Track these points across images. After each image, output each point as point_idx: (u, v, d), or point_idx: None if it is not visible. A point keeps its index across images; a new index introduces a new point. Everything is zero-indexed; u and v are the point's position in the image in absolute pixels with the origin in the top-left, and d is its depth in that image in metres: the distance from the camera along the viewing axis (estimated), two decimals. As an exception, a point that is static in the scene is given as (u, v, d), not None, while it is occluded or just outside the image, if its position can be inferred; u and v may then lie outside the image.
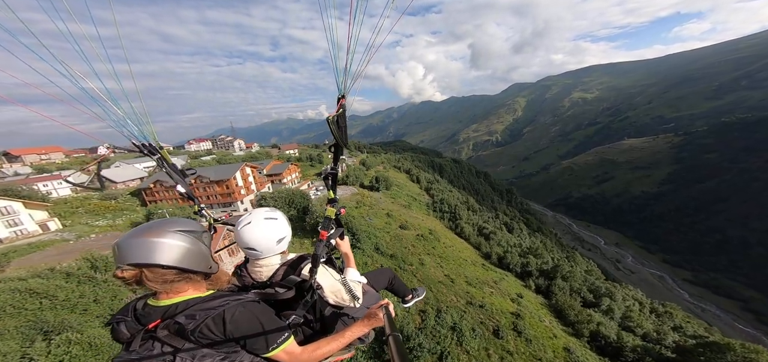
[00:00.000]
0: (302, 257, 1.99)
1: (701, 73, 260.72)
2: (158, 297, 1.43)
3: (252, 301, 1.54)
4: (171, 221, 1.45)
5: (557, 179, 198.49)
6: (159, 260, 1.34)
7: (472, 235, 42.02)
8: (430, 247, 26.68)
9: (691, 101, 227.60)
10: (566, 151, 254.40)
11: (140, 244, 1.31)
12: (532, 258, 34.11)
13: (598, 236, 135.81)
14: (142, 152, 1.88)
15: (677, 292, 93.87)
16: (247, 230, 1.82)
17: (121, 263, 1.29)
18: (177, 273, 1.42)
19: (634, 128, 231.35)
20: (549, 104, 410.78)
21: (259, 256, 1.88)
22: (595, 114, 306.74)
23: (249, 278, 1.93)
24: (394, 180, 68.86)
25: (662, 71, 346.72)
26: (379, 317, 1.67)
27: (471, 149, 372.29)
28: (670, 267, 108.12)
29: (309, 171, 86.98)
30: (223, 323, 1.37)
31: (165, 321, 1.34)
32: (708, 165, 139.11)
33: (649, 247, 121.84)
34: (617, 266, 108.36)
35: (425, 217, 45.46)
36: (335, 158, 1.76)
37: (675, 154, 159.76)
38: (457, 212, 50.80)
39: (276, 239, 1.88)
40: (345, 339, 1.69)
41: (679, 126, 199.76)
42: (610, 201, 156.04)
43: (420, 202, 56.97)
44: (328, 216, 1.85)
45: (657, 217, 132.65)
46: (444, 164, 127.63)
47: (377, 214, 34.19)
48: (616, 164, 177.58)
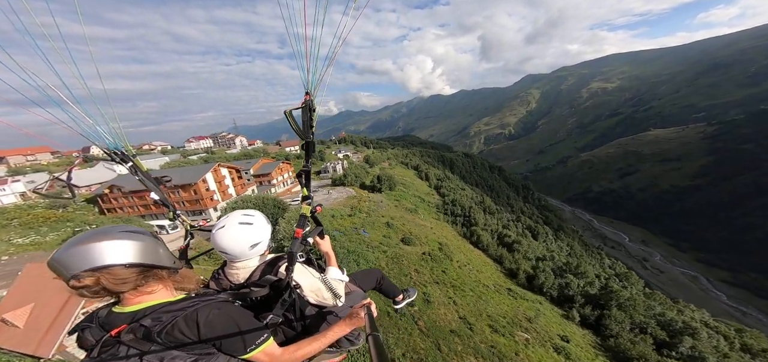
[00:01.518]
0: (279, 256, 1.97)
1: (733, 60, 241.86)
2: (124, 303, 1.36)
3: (226, 301, 1.51)
4: (114, 226, 1.39)
5: (576, 172, 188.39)
6: (115, 260, 1.26)
7: (491, 245, 35.75)
8: (440, 271, 20.42)
9: (725, 89, 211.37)
10: (585, 143, 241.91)
11: (90, 250, 1.22)
12: (572, 278, 27.10)
13: (622, 233, 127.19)
14: (114, 160, 1.84)
15: (713, 294, 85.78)
16: (220, 234, 1.81)
17: (74, 271, 1.19)
18: (139, 272, 1.35)
19: (660, 118, 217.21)
20: (565, 95, 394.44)
21: (234, 260, 1.87)
22: (617, 104, 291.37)
23: (226, 280, 1.91)
24: (399, 178, 62.97)
25: (690, 58, 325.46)
26: (360, 316, 1.65)
27: (482, 143, 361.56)
28: (704, 267, 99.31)
29: None
30: (196, 325, 1.33)
31: (130, 325, 1.29)
32: (746, 156, 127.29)
33: (679, 245, 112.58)
34: (644, 265, 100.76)
35: (434, 223, 39.50)
36: (307, 156, 1.82)
37: (708, 145, 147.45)
38: (472, 215, 44.45)
39: (249, 244, 1.84)
40: (327, 339, 1.66)
41: (711, 115, 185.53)
42: (634, 196, 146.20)
43: (428, 204, 50.98)
44: (303, 214, 1.89)
45: (688, 212, 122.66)
46: (455, 159, 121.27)
47: (375, 223, 28.26)
48: (642, 157, 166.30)
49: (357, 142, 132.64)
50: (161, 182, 2.17)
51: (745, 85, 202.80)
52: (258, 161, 66.18)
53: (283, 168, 66.42)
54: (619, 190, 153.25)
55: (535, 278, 27.72)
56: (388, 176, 54.65)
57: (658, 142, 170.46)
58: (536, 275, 27.93)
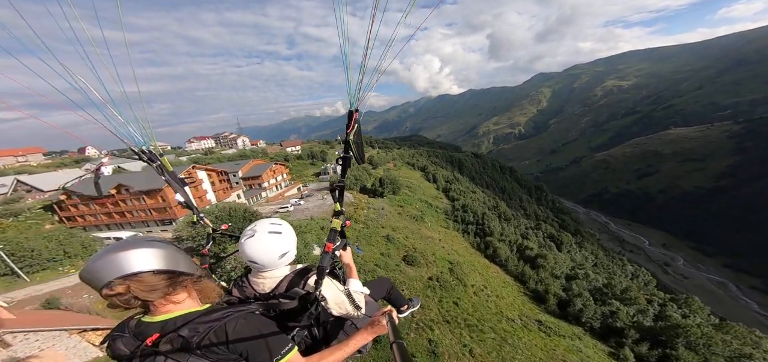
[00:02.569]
0: (307, 268, 2.00)
1: (760, 56, 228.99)
2: (153, 313, 1.39)
3: (253, 312, 1.53)
4: (139, 237, 1.44)
5: (590, 173, 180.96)
6: (143, 267, 1.30)
7: (511, 260, 30.93)
8: (451, 302, 15.80)
9: (751, 86, 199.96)
10: (600, 143, 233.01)
11: (118, 258, 1.27)
12: (619, 306, 21.61)
13: (642, 236, 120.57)
14: (141, 159, 1.89)
15: (743, 302, 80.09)
16: (249, 243, 1.82)
17: (106, 280, 1.24)
18: (167, 279, 1.39)
19: (680, 116, 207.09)
20: (578, 94, 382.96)
21: (261, 269, 1.89)
22: (633, 103, 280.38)
23: (251, 289, 1.92)
24: (404, 181, 58.65)
25: (711, 55, 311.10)
26: (383, 325, 1.65)
27: (491, 143, 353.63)
28: (731, 272, 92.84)
29: (306, 171, 77.94)
30: (225, 334, 1.36)
31: (167, 335, 1.31)
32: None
33: (703, 249, 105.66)
34: (666, 270, 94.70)
35: (443, 233, 34.79)
36: (343, 171, 1.85)
37: (735, 144, 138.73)
38: (486, 222, 39.63)
39: (279, 253, 1.87)
40: (349, 348, 1.66)
41: (737, 113, 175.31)
42: (654, 197, 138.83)
43: (436, 209, 46.22)
44: (334, 228, 1.90)
45: (714, 215, 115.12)
46: (464, 159, 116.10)
47: (372, 236, 23.66)
48: (662, 156, 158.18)
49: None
50: (185, 184, 2.20)
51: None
52: (248, 163, 61.39)
53: (276, 170, 61.69)
54: (638, 191, 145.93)
55: (570, 303, 22.70)
56: (392, 179, 50.61)
57: (680, 141, 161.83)
58: (571, 300, 22.87)
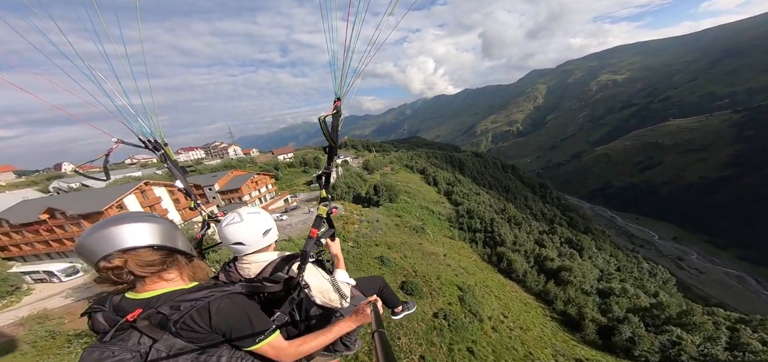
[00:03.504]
0: (292, 255, 2.01)
1: (751, 45, 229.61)
2: (138, 289, 1.37)
3: (238, 293, 1.53)
4: (137, 212, 1.48)
5: (591, 167, 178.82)
6: (142, 242, 1.30)
7: (529, 275, 26.61)
8: (465, 348, 11.93)
9: (746, 75, 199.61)
10: (598, 137, 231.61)
11: (117, 231, 1.26)
12: (681, 334, 17.12)
13: (650, 230, 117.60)
14: (146, 147, 2.01)
15: (765, 296, 76.55)
16: (232, 225, 1.87)
17: (104, 252, 1.23)
18: (163, 255, 1.39)
19: (678, 107, 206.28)
20: (573, 89, 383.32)
21: (246, 250, 1.92)
22: (629, 96, 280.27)
23: (237, 274, 1.96)
24: (403, 186, 54.39)
25: (702, 46, 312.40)
26: (367, 313, 1.67)
27: (490, 142, 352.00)
28: (749, 265, 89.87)
29: (298, 180, 73.55)
30: (208, 314, 1.34)
31: (146, 311, 1.29)
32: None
33: (717, 241, 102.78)
34: (680, 265, 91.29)
35: (448, 245, 30.28)
36: (329, 159, 1.89)
37: (736, 132, 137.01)
38: (495, 229, 35.16)
39: (262, 231, 1.93)
40: (332, 334, 1.69)
41: (736, 102, 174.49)
42: (658, 190, 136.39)
43: (439, 216, 41.79)
44: (320, 215, 1.95)
45: (721, 206, 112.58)
46: (464, 159, 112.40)
47: (363, 259, 19.49)
48: (663, 148, 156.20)
49: (359, 146, 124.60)
50: (186, 172, 2.29)
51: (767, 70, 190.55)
52: (226, 174, 55.95)
53: (259, 181, 56.63)
54: (642, 184, 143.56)
55: (615, 331, 18.32)
56: (388, 185, 45.89)
57: (680, 132, 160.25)
58: (616, 327, 18.45)
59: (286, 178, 75.01)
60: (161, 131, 1.97)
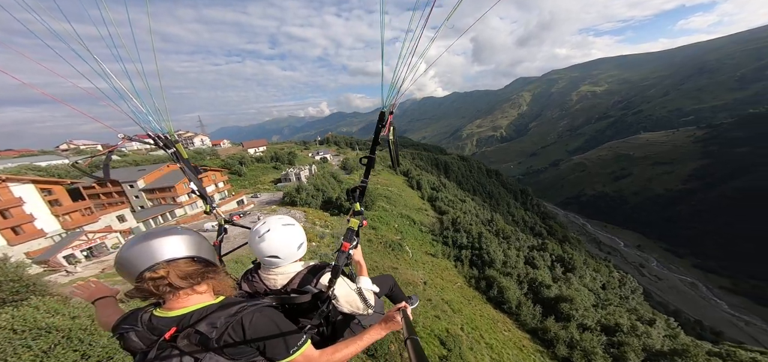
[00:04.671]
0: (319, 266, 2.01)
1: (719, 64, 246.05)
2: (168, 306, 1.37)
3: (268, 306, 1.53)
4: (170, 226, 1.46)
5: (568, 175, 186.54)
6: (185, 253, 1.35)
7: (524, 306, 22.80)
8: None
9: (713, 92, 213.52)
10: (576, 146, 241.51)
11: (164, 243, 1.31)
12: None
13: (617, 238, 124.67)
14: (157, 145, 1.90)
15: (713, 302, 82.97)
16: (268, 237, 1.85)
17: (151, 262, 1.27)
18: (201, 267, 1.42)
19: (650, 121, 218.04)
20: (556, 98, 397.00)
21: (279, 264, 1.91)
22: (606, 108, 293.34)
23: (261, 285, 1.94)
24: (383, 190, 50.59)
25: (676, 63, 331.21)
26: (397, 320, 1.64)
27: (475, 145, 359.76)
28: (702, 273, 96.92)
29: (264, 177, 65.47)
30: (241, 328, 1.35)
31: (184, 330, 1.29)
32: (739, 160, 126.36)
33: (676, 250, 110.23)
34: (641, 272, 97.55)
35: (430, 263, 26.47)
36: (367, 172, 1.86)
37: (700, 148, 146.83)
38: (484, 246, 32.02)
39: (297, 244, 1.93)
40: (363, 342, 1.65)
41: (700, 118, 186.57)
42: (628, 199, 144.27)
43: (420, 227, 38.29)
44: (352, 228, 1.93)
45: (683, 217, 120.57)
46: (450, 163, 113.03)
47: None
48: (634, 160, 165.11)
49: (341, 143, 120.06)
50: (199, 173, 2.18)
51: (732, 89, 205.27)
52: (157, 169, 46.04)
53: (206, 178, 47.30)
54: (613, 194, 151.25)
55: None
56: (365, 189, 42.77)
57: (650, 145, 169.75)
58: None
59: (251, 175, 67.15)
60: (171, 126, 1.89)
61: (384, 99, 1.52)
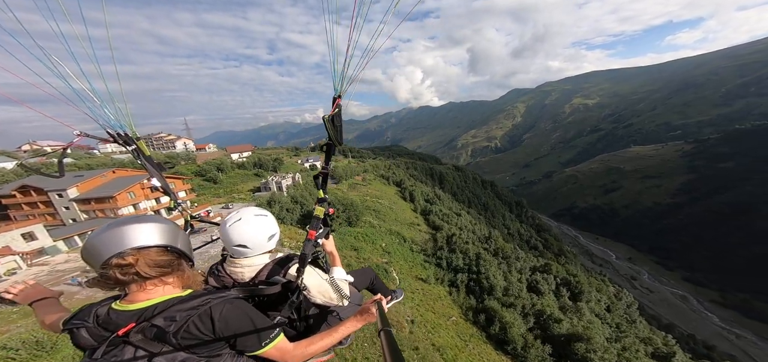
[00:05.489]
0: (288, 257, 1.98)
1: (705, 80, 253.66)
2: (131, 299, 1.30)
3: (237, 298, 1.48)
4: (144, 214, 1.41)
5: (560, 187, 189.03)
6: (158, 241, 1.30)
7: (532, 347, 19.97)
8: None
9: (699, 107, 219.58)
10: (569, 158, 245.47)
11: (136, 229, 1.26)
12: None
13: (609, 250, 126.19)
14: (116, 142, 1.83)
15: (704, 315, 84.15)
16: (237, 226, 1.83)
17: (119, 249, 1.21)
18: (172, 258, 1.38)
19: (640, 135, 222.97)
20: (549, 110, 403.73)
21: (247, 254, 1.87)
22: (597, 120, 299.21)
23: (228, 278, 1.89)
24: (372, 202, 46.97)
25: (664, 77, 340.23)
26: (372, 313, 1.64)
27: (469, 155, 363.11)
28: (692, 286, 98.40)
29: (242, 185, 60.69)
30: (211, 320, 1.29)
31: (140, 324, 1.22)
32: (725, 175, 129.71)
33: (666, 263, 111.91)
34: (633, 284, 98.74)
35: (420, 291, 24.47)
36: (327, 158, 1.84)
37: (687, 162, 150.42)
38: (482, 270, 28.86)
39: (267, 235, 1.92)
40: (338, 334, 1.64)
41: (687, 133, 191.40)
42: (619, 212, 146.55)
43: (411, 245, 34.51)
44: (317, 216, 1.89)
45: (673, 230, 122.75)
46: (445, 173, 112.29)
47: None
48: (624, 173, 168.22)
49: (335, 151, 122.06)
50: (163, 169, 2.15)
51: (717, 105, 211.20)
52: (96, 175, 39.52)
53: (138, 193, 39.47)
54: (604, 206, 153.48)
55: None
56: (348, 203, 37.04)
57: (639, 158, 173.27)
58: None
59: (229, 182, 61.60)
60: (132, 122, 1.82)
61: (336, 84, 1.57)
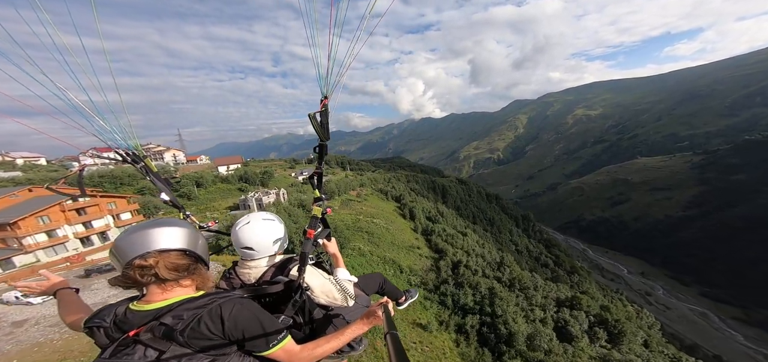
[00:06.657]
0: (290, 258, 2.05)
1: (709, 90, 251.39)
2: (148, 299, 1.35)
3: (245, 298, 1.52)
4: (168, 218, 1.50)
5: (566, 199, 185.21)
6: (179, 245, 1.36)
7: None
8: None
9: (705, 118, 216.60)
10: (573, 170, 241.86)
11: (159, 233, 1.32)
12: None
13: (619, 264, 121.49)
14: (125, 160, 1.96)
15: (728, 333, 79.33)
16: (245, 229, 1.93)
17: (143, 250, 1.27)
18: (190, 261, 1.43)
19: (645, 146, 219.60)
20: (551, 121, 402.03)
21: (253, 256, 1.97)
22: (601, 131, 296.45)
23: (237, 279, 2.00)
24: (365, 223, 42.10)
25: (666, 88, 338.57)
26: (378, 315, 1.66)
27: (472, 167, 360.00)
28: (711, 302, 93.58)
29: (219, 202, 55.94)
30: (220, 320, 1.31)
31: (149, 323, 1.25)
32: (737, 187, 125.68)
33: (681, 278, 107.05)
34: (648, 300, 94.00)
35: (419, 345, 20.36)
36: (320, 158, 1.89)
37: (698, 174, 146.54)
38: (497, 309, 23.98)
39: (273, 239, 1.99)
40: (345, 337, 1.65)
41: (695, 144, 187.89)
42: (628, 225, 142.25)
43: (409, 276, 29.44)
44: (315, 215, 1.97)
45: (686, 244, 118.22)
46: (448, 186, 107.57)
47: None
48: (631, 185, 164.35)
49: (332, 162, 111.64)
50: (170, 184, 2.26)
51: (724, 115, 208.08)
52: (5, 194, 34.40)
53: (93, 207, 36.32)
54: (613, 219, 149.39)
55: None
56: (334, 226, 30.16)
57: (647, 170, 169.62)
58: None
59: (207, 198, 57.49)
60: (138, 142, 1.89)
61: (322, 87, 1.63)
